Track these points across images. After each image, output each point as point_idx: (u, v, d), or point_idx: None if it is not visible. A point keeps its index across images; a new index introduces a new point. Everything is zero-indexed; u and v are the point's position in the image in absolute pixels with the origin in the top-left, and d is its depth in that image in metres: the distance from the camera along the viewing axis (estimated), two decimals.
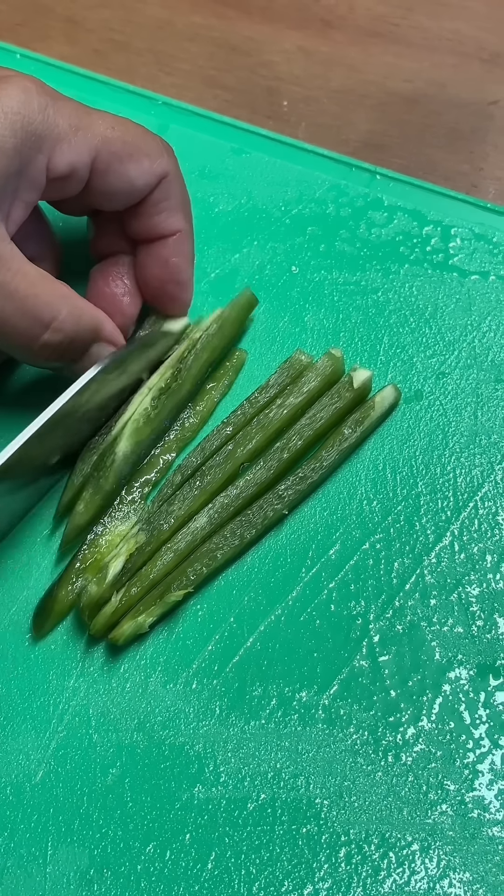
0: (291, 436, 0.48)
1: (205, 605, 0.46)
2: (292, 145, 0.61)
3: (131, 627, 0.44)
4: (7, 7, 0.71)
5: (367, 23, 0.70)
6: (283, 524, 0.48)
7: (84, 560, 0.46)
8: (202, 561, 0.45)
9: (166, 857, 0.41)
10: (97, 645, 0.45)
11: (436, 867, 0.41)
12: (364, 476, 0.49)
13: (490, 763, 0.43)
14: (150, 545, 0.46)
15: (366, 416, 0.49)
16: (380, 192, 0.58)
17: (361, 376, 0.50)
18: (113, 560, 0.45)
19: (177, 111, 0.63)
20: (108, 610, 0.44)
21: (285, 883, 0.40)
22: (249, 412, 0.50)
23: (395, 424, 0.51)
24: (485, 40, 0.69)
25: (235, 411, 0.50)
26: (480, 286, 0.55)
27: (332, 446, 0.48)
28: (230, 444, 0.48)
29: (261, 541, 0.47)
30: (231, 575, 0.47)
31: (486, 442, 0.50)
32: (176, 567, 0.46)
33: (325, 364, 0.50)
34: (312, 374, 0.50)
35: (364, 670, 0.45)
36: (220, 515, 0.46)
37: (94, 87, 0.64)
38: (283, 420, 0.49)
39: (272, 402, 0.49)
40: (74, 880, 0.41)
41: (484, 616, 0.46)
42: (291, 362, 0.51)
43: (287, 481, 0.47)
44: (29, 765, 0.43)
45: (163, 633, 0.45)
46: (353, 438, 0.48)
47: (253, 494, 0.47)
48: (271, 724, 0.43)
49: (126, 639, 0.44)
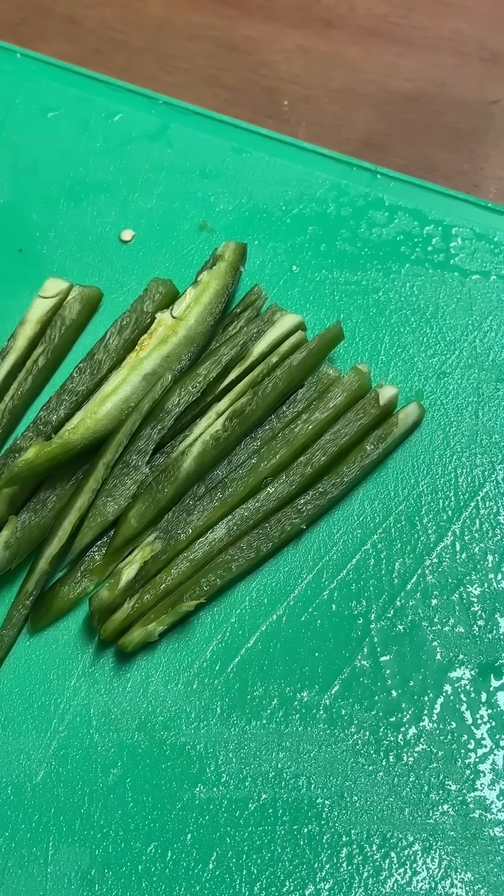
0: (315, 451, 0.48)
1: (207, 606, 0.46)
2: (293, 145, 0.61)
3: (141, 635, 0.44)
4: (7, 6, 0.71)
5: (368, 22, 0.70)
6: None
7: (93, 561, 0.46)
8: (216, 572, 0.45)
9: (168, 857, 0.41)
10: (98, 646, 0.45)
11: (437, 867, 0.41)
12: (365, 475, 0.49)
13: (491, 763, 0.43)
14: (166, 553, 0.46)
15: (388, 433, 0.49)
16: (380, 191, 0.58)
17: (388, 393, 0.49)
18: (127, 566, 0.45)
19: (177, 110, 0.62)
20: (119, 616, 0.44)
21: (287, 883, 0.40)
22: (277, 426, 0.49)
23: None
24: (486, 40, 0.69)
25: (263, 426, 0.49)
26: (481, 286, 0.55)
27: (354, 462, 0.48)
28: (254, 457, 0.48)
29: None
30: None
31: (488, 441, 0.50)
32: (190, 577, 0.45)
33: (352, 380, 0.50)
34: (339, 390, 0.49)
35: (365, 670, 0.45)
36: (239, 527, 0.46)
37: (94, 86, 0.64)
38: (309, 435, 0.48)
39: (298, 416, 0.49)
40: (76, 880, 0.40)
41: (485, 616, 0.46)
42: (319, 377, 0.50)
43: (307, 496, 0.47)
44: (30, 765, 0.43)
45: (164, 633, 0.45)
46: (375, 454, 0.48)
47: (273, 508, 0.47)
48: (272, 724, 0.43)
49: (135, 646, 0.44)
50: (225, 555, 0.46)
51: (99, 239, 0.57)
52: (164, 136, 0.61)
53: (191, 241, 0.57)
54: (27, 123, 0.62)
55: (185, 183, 0.59)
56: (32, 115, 0.63)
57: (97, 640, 0.45)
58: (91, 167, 0.60)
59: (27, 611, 0.45)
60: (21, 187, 0.60)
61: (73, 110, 0.63)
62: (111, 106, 0.63)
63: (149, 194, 0.59)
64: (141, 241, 0.57)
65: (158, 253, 0.57)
